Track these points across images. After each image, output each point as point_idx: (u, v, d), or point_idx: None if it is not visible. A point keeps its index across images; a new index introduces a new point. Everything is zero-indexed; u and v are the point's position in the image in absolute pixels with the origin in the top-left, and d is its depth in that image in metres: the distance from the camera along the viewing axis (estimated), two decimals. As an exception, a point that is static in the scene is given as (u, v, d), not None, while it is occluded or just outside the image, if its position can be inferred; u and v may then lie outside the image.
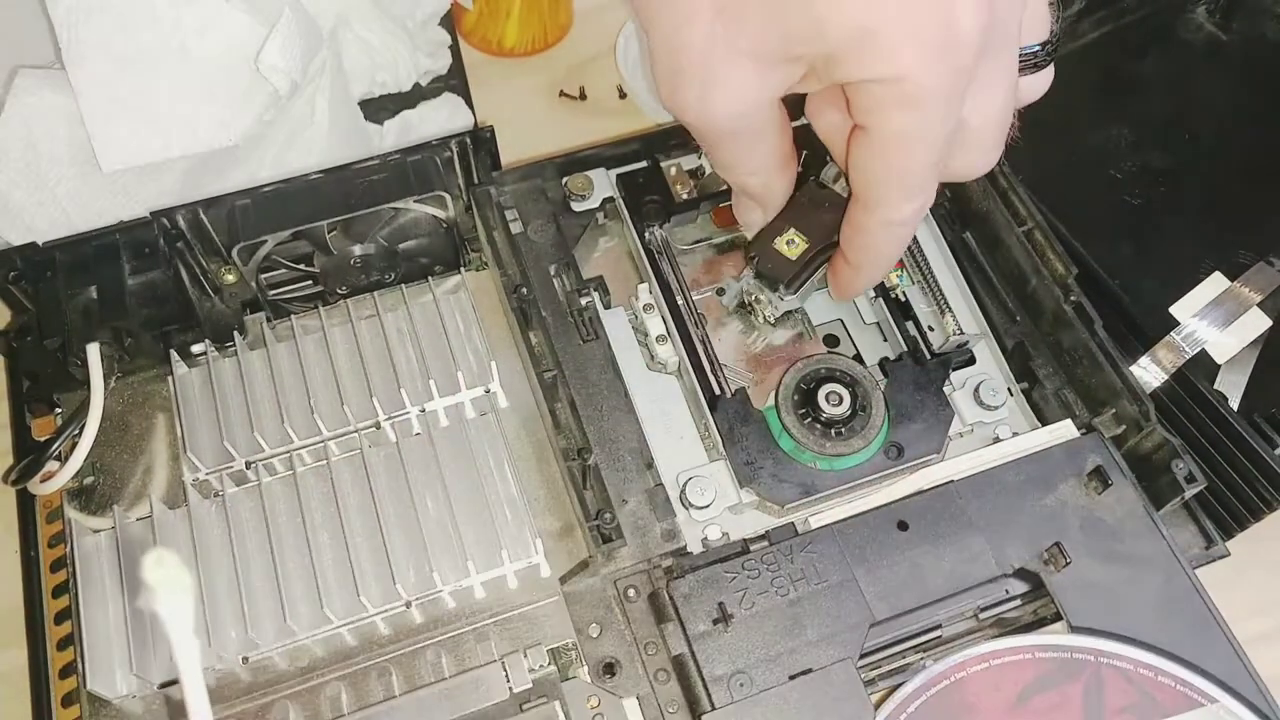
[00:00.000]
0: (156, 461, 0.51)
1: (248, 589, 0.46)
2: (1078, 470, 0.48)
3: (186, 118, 0.55)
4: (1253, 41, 0.72)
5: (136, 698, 0.45)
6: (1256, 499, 0.51)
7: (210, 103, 0.55)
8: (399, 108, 0.66)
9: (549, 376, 0.50)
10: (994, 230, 0.55)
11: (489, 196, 0.55)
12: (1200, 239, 0.62)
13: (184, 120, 0.55)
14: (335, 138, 0.60)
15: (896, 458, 0.50)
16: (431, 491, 0.49)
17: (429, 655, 0.46)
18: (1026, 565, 0.46)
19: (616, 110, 0.73)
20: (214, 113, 0.55)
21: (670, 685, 0.45)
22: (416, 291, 0.55)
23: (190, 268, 0.53)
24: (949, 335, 0.53)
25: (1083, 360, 0.51)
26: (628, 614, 0.46)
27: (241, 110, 0.56)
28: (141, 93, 0.54)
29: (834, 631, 0.44)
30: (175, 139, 0.55)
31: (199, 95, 0.55)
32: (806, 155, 0.57)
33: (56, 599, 0.47)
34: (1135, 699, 0.43)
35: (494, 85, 0.73)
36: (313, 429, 0.50)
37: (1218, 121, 0.69)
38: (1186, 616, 0.45)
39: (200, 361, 0.53)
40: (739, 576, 0.45)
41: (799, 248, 0.51)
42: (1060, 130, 0.68)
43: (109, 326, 0.51)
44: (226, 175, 0.58)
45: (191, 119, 0.55)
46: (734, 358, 0.56)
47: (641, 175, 0.57)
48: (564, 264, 0.54)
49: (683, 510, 0.49)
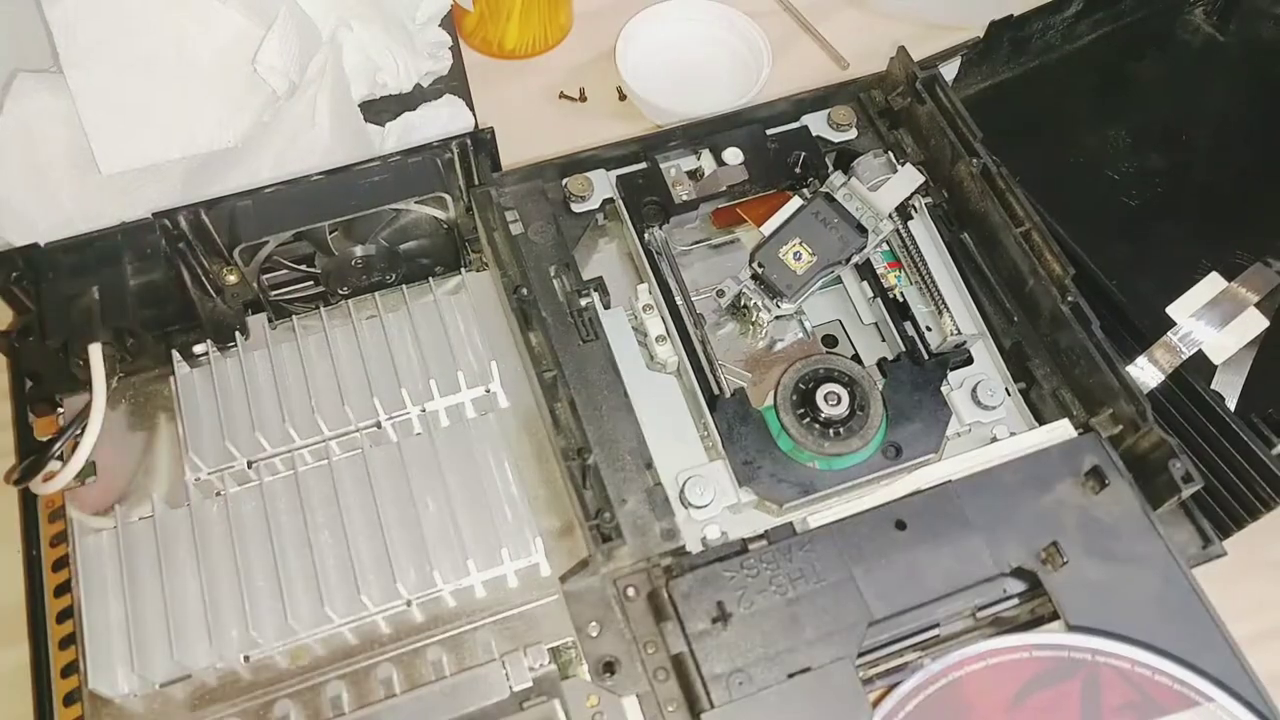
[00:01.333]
0: (158, 461, 0.51)
1: (249, 588, 0.46)
2: (1075, 470, 0.48)
3: (184, 120, 0.55)
4: (1250, 43, 0.73)
5: (138, 696, 0.45)
6: (1253, 499, 0.51)
7: (208, 104, 0.56)
8: (400, 109, 0.66)
9: (549, 376, 0.50)
10: (992, 231, 0.55)
11: (489, 198, 0.55)
12: (1197, 239, 0.63)
13: (182, 122, 0.55)
14: (336, 139, 0.61)
15: (895, 457, 0.50)
16: (432, 491, 0.49)
17: (429, 654, 0.46)
18: (1024, 564, 0.46)
19: (616, 112, 0.73)
20: (212, 114, 0.56)
21: (669, 684, 0.45)
22: (417, 292, 0.55)
23: (192, 268, 0.53)
24: (947, 335, 0.54)
25: (1080, 360, 0.51)
26: (627, 613, 0.46)
27: (239, 112, 0.56)
28: (139, 95, 0.55)
29: (832, 630, 0.44)
30: (173, 141, 0.55)
31: (197, 97, 0.55)
32: (807, 157, 0.58)
33: (58, 598, 0.47)
34: (1132, 697, 0.43)
35: (494, 87, 0.73)
36: (314, 429, 0.50)
37: (1215, 123, 0.69)
38: (1183, 615, 0.45)
39: (202, 362, 0.53)
40: (738, 575, 0.45)
41: (805, 262, 0.51)
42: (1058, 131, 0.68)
43: (111, 327, 0.51)
44: (228, 176, 0.58)
45: (189, 121, 0.55)
46: (733, 358, 0.56)
47: (641, 176, 0.57)
48: (564, 265, 0.54)
49: (682, 510, 0.49)
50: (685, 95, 0.71)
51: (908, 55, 0.59)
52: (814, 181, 0.58)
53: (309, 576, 0.47)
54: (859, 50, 0.75)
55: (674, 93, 0.71)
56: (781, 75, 0.71)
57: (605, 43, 0.73)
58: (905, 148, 0.59)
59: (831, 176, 0.56)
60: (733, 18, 0.74)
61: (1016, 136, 0.64)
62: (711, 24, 0.75)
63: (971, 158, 0.55)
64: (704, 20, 0.75)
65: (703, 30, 0.75)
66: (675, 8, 0.74)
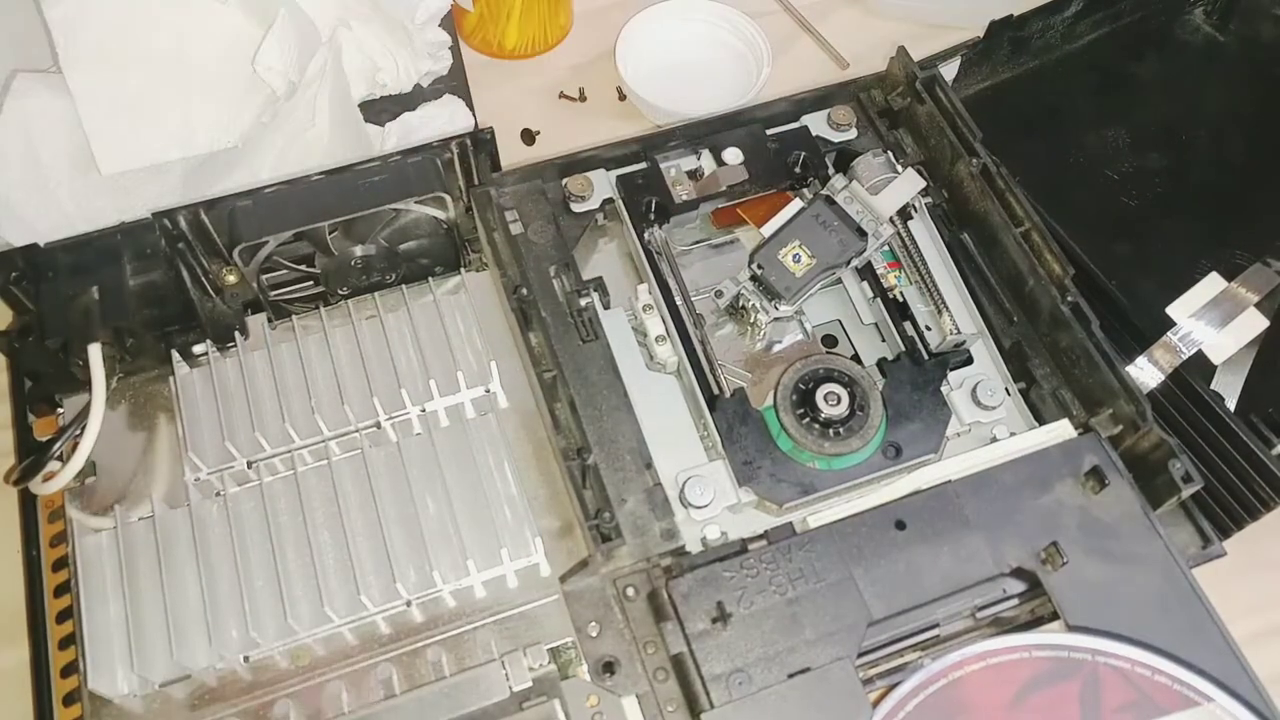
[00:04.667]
0: (158, 461, 0.51)
1: (249, 588, 0.46)
2: (1075, 470, 0.48)
3: (184, 120, 0.55)
4: (1250, 42, 0.73)
5: (138, 696, 0.45)
6: (1253, 499, 0.51)
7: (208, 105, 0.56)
8: (400, 109, 0.66)
9: (549, 376, 0.50)
10: (991, 231, 0.55)
11: (489, 198, 0.55)
12: (1197, 239, 0.63)
13: (182, 122, 0.55)
14: (336, 139, 0.61)
15: (894, 457, 0.50)
16: (432, 491, 0.49)
17: (429, 654, 0.46)
18: (1024, 564, 0.46)
19: (616, 112, 0.73)
20: (212, 115, 0.56)
21: (669, 684, 0.45)
22: (417, 292, 0.55)
23: (191, 268, 0.53)
24: (946, 335, 0.54)
25: (1080, 360, 0.51)
26: (627, 613, 0.46)
27: (239, 112, 0.56)
28: (139, 96, 0.55)
29: (832, 630, 0.44)
30: (173, 141, 0.55)
31: (197, 97, 0.56)
32: (807, 157, 0.58)
33: (58, 598, 0.48)
34: (1132, 698, 0.43)
35: (494, 87, 0.73)
36: (314, 429, 0.50)
37: (1215, 122, 0.69)
38: (1183, 616, 0.45)
39: (202, 362, 0.53)
40: (737, 576, 0.45)
41: (805, 265, 0.51)
42: (1058, 131, 0.68)
43: (110, 327, 0.51)
44: (228, 176, 0.58)
45: (189, 121, 0.56)
46: (733, 358, 0.56)
47: (641, 176, 0.57)
48: (564, 265, 0.54)
49: (682, 510, 0.49)
50: (685, 95, 0.71)
51: (908, 55, 0.59)
52: (814, 182, 0.58)
53: (309, 577, 0.47)
54: (859, 50, 0.75)
55: (674, 93, 0.71)
56: (781, 75, 0.71)
57: (605, 43, 0.73)
58: (905, 147, 0.59)
59: (833, 179, 0.56)
60: (733, 18, 0.74)
61: (1016, 136, 0.64)
62: (711, 24, 0.75)
63: (971, 158, 0.55)
64: (704, 20, 0.75)
65: (703, 30, 0.75)
66: (675, 8, 0.74)
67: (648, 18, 0.74)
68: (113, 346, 0.51)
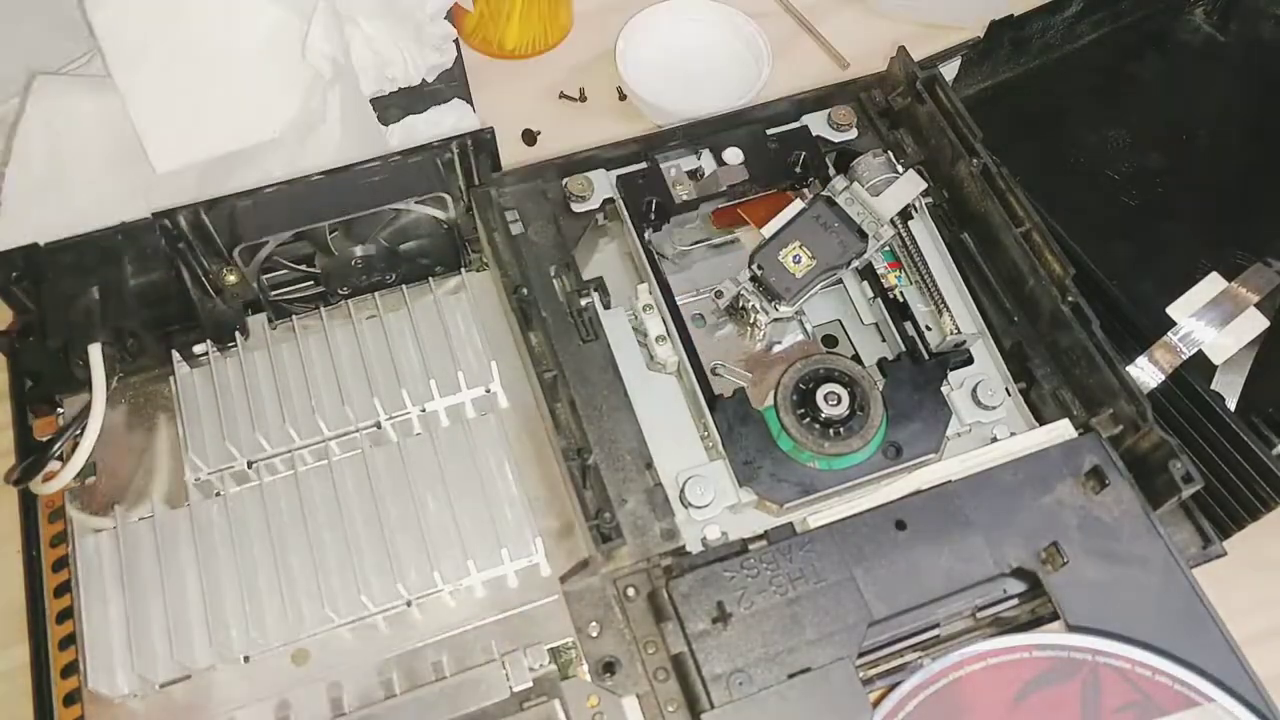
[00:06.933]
0: (158, 461, 0.51)
1: (249, 588, 0.46)
2: (1075, 470, 0.48)
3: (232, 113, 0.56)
4: (1250, 43, 0.73)
5: (138, 697, 0.45)
6: (1253, 499, 0.51)
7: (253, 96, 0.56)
8: (407, 104, 0.66)
9: (549, 376, 0.50)
10: (992, 231, 0.55)
11: (489, 198, 0.55)
12: (1197, 240, 0.63)
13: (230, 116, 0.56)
14: (348, 136, 0.61)
15: (895, 457, 0.50)
16: (432, 491, 0.49)
17: (429, 654, 0.46)
18: (1024, 564, 0.46)
19: (616, 112, 0.73)
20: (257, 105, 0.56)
21: (669, 684, 0.45)
22: (417, 292, 0.55)
23: (192, 268, 0.53)
24: (947, 335, 0.54)
25: (1080, 360, 0.51)
26: (627, 613, 0.46)
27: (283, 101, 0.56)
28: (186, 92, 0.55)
29: (832, 630, 0.44)
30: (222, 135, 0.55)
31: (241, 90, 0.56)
32: (807, 157, 0.58)
33: (58, 598, 0.48)
34: (1132, 698, 0.43)
35: (494, 87, 0.73)
36: (314, 429, 0.50)
37: (1215, 123, 0.69)
38: (1184, 616, 0.45)
39: (202, 362, 0.53)
40: (738, 576, 0.45)
41: (804, 265, 0.51)
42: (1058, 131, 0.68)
43: (111, 327, 0.51)
44: (241, 174, 0.58)
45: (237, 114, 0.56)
46: (733, 358, 0.56)
47: (641, 176, 0.57)
48: (564, 265, 0.54)
49: (682, 510, 0.49)
50: (685, 95, 0.71)
51: (908, 55, 0.59)
52: (814, 182, 0.58)
53: (309, 577, 0.47)
54: (859, 50, 0.75)
55: (674, 93, 0.71)
56: (781, 75, 0.71)
57: (605, 43, 0.73)
58: (905, 148, 0.59)
59: (834, 180, 0.56)
60: (733, 18, 0.74)
61: (1017, 136, 0.64)
62: (711, 24, 0.75)
63: (971, 158, 0.55)
64: (704, 20, 0.75)
65: (703, 30, 0.75)
66: (675, 8, 0.74)
67: (648, 18, 0.74)
68: (113, 346, 0.51)
